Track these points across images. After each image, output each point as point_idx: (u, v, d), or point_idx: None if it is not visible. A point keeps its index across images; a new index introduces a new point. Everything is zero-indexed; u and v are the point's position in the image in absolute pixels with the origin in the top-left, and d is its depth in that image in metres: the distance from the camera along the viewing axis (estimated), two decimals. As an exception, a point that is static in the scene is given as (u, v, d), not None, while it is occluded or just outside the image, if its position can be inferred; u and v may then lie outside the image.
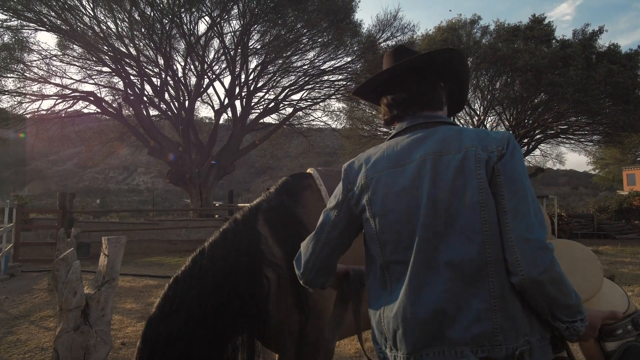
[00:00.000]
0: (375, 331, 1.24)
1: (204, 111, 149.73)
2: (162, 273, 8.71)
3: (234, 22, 19.45)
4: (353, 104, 22.57)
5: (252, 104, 21.12)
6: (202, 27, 56.02)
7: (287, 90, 21.19)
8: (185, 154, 18.57)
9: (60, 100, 18.53)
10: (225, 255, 1.96)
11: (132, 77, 18.84)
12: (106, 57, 18.01)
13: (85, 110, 20.17)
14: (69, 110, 19.18)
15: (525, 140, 21.46)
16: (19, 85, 17.28)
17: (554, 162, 26.22)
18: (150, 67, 19.72)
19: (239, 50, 18.91)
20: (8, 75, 16.69)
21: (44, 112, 18.52)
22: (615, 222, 20.31)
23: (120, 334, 4.68)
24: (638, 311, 1.31)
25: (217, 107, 20.91)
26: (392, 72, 1.33)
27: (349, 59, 20.41)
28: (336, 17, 18.32)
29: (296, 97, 22.29)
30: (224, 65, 20.57)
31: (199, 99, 21.38)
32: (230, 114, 20.80)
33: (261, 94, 21.58)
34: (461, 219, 1.10)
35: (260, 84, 20.91)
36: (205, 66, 19.72)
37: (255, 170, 57.97)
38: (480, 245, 1.08)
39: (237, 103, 20.42)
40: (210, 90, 43.44)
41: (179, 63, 19.92)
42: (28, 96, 17.64)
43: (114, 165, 50.23)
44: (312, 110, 22.98)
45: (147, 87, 19.41)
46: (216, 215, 17.44)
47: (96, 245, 11.29)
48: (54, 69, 18.11)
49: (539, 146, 23.27)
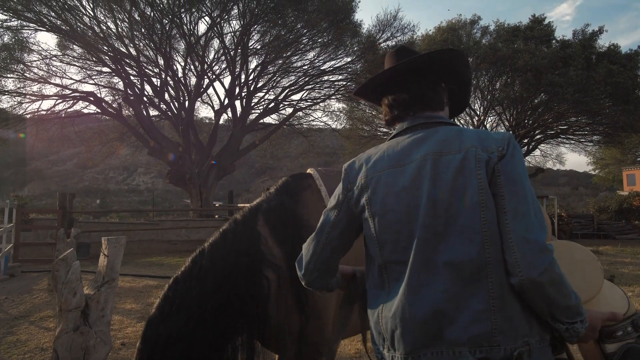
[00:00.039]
0: (374, 331, 1.24)
1: (204, 111, 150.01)
2: (162, 273, 8.71)
3: (234, 22, 19.51)
4: (353, 104, 22.56)
5: (252, 104, 21.12)
6: (202, 27, 56.09)
7: (287, 91, 21.20)
8: (185, 154, 18.56)
9: (60, 101, 18.54)
10: (225, 255, 1.95)
11: (132, 78, 18.84)
12: (106, 57, 18.01)
13: (85, 111, 20.20)
14: (69, 110, 19.20)
15: (525, 141, 21.46)
16: (19, 86, 17.30)
17: (554, 163, 26.26)
18: (150, 68, 19.72)
19: (239, 50, 18.91)
20: (8, 75, 16.69)
21: (44, 112, 18.53)
22: (615, 223, 20.31)
23: (120, 334, 4.67)
24: (638, 313, 1.31)
25: (217, 107, 20.95)
26: (392, 72, 1.33)
27: (349, 59, 20.43)
28: (336, 18, 18.32)
29: (296, 97, 22.37)
30: (224, 66, 20.59)
31: (199, 99, 21.40)
32: (230, 114, 20.82)
33: (261, 94, 21.62)
34: (461, 219, 1.10)
35: (260, 84, 20.91)
36: (205, 66, 19.72)
37: (255, 171, 57.96)
38: (480, 246, 1.08)
39: (237, 103, 20.44)
40: (210, 91, 43.47)
41: (179, 63, 19.95)
42: (28, 96, 17.64)
43: (114, 165, 50.23)
44: (312, 110, 23.01)
45: (147, 88, 19.43)
46: (216, 216, 17.42)
47: (96, 246, 11.29)
48: (54, 69, 18.16)
49: (539, 146, 23.29)
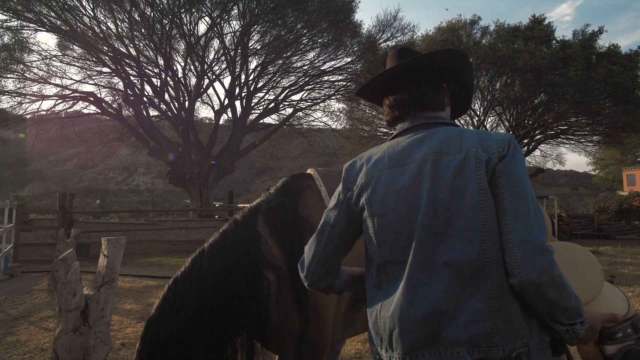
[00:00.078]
0: (372, 331, 1.23)
1: (204, 112, 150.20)
2: (161, 274, 8.71)
3: (234, 22, 19.47)
4: (353, 105, 22.56)
5: (252, 104, 21.11)
6: (202, 27, 56.09)
7: (287, 91, 21.19)
8: (185, 155, 18.56)
9: (60, 101, 18.54)
10: (225, 256, 1.95)
11: (132, 78, 18.83)
12: (106, 57, 18.00)
13: (85, 111, 20.18)
14: (69, 110, 19.19)
15: (525, 141, 21.46)
16: (18, 86, 17.29)
17: (554, 163, 26.31)
18: (150, 68, 19.72)
19: (239, 50, 18.91)
20: (8, 75, 16.68)
21: (44, 113, 18.51)
22: (615, 223, 20.31)
23: (120, 334, 4.67)
24: (638, 315, 1.31)
25: (217, 107, 20.93)
26: (393, 72, 1.32)
27: (349, 59, 20.42)
28: (336, 18, 18.31)
29: (296, 97, 22.33)
30: (224, 66, 20.58)
31: (199, 99, 21.39)
32: (230, 114, 20.81)
33: (261, 95, 21.61)
34: (461, 220, 1.10)
35: (260, 85, 20.91)
36: (205, 67, 19.71)
37: (255, 171, 57.94)
38: (480, 246, 1.07)
39: (237, 103, 20.43)
40: (210, 91, 43.49)
41: (179, 63, 19.93)
42: (28, 97, 17.64)
43: (114, 165, 50.20)
44: (312, 110, 22.99)
45: (147, 88, 19.41)
46: (216, 216, 17.42)
47: (96, 246, 11.29)
48: (53, 69, 18.15)
49: (539, 147, 23.29)
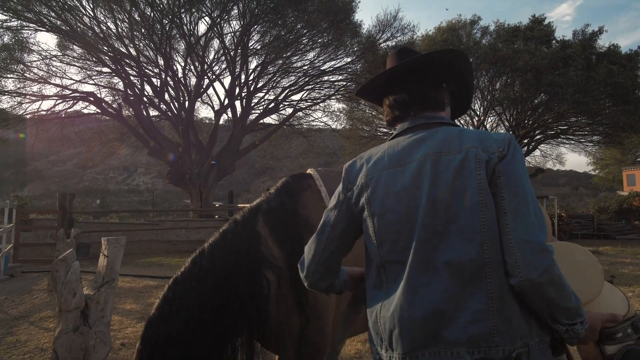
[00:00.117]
0: (372, 332, 1.23)
1: (204, 112, 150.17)
2: (162, 274, 8.71)
3: (234, 22, 19.47)
4: (353, 105, 22.55)
5: (252, 104, 21.11)
6: (202, 27, 56.06)
7: (287, 91, 21.18)
8: (185, 155, 18.56)
9: (60, 101, 18.54)
10: (225, 256, 1.95)
11: (132, 78, 18.83)
12: (106, 57, 18.00)
13: (85, 111, 20.17)
14: (69, 110, 19.18)
15: (525, 141, 21.46)
16: (18, 86, 17.29)
17: (554, 163, 26.31)
18: (150, 68, 19.71)
19: (239, 50, 18.90)
20: (8, 75, 16.68)
21: (44, 113, 18.51)
22: (616, 223, 20.31)
23: (120, 334, 4.67)
24: (638, 315, 1.31)
25: (217, 107, 20.93)
26: (392, 72, 1.32)
27: (349, 59, 20.41)
28: (336, 18, 18.31)
29: (296, 97, 22.31)
30: (224, 66, 20.58)
31: (199, 99, 21.38)
32: (230, 114, 20.80)
33: (261, 95, 21.60)
34: (460, 219, 1.10)
35: (260, 85, 20.91)
36: (205, 67, 19.71)
37: (255, 171, 57.93)
38: (479, 246, 1.07)
39: (237, 103, 20.42)
40: (210, 91, 43.47)
41: (179, 63, 19.93)
42: (28, 97, 17.63)
43: (114, 165, 50.19)
44: (312, 110, 22.99)
45: (147, 88, 19.41)
46: (216, 216, 17.42)
47: (96, 246, 11.29)
48: (53, 69, 18.14)
49: (539, 147, 23.29)
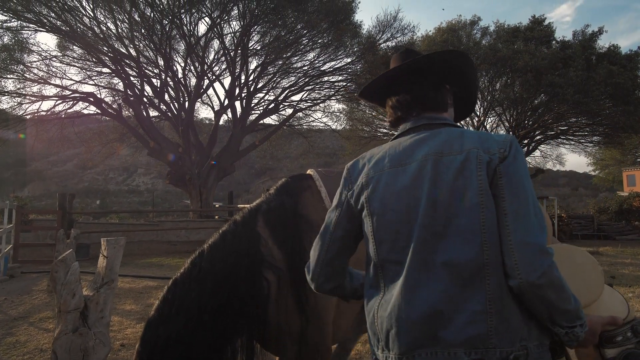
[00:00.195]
0: (369, 332, 1.23)
1: (204, 112, 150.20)
2: (161, 274, 8.70)
3: (234, 23, 19.44)
4: (353, 105, 22.55)
5: (252, 105, 21.11)
6: (202, 28, 56.03)
7: (287, 91, 21.18)
8: (185, 155, 18.56)
9: (60, 101, 18.53)
10: (225, 257, 1.95)
11: (132, 78, 18.82)
12: (106, 58, 18.00)
13: (85, 111, 20.17)
14: (68, 111, 19.19)
15: (526, 141, 21.47)
16: (18, 86, 17.29)
17: (554, 163, 26.34)
18: (150, 68, 19.71)
19: (239, 51, 18.90)
20: (8, 76, 16.68)
21: (44, 113, 18.51)
22: (616, 223, 20.31)
23: (119, 335, 4.67)
24: (638, 318, 1.31)
25: (217, 108, 20.92)
26: (394, 73, 1.32)
27: (349, 60, 20.41)
28: (336, 18, 18.31)
29: (296, 98, 22.22)
30: (224, 66, 20.57)
31: (199, 100, 21.38)
32: (230, 114, 20.80)
33: (261, 95, 21.60)
34: (460, 220, 1.09)
35: (260, 85, 20.90)
36: (205, 67, 19.70)
37: (255, 171, 57.93)
38: (479, 247, 1.07)
39: (237, 104, 20.42)
40: (210, 91, 43.51)
41: (179, 64, 19.93)
42: (28, 97, 17.63)
43: (113, 166, 50.21)
44: (312, 111, 22.99)
45: (147, 88, 19.41)
46: (216, 217, 17.42)
47: (96, 246, 11.28)
48: (53, 70, 18.14)
49: (539, 147, 23.31)
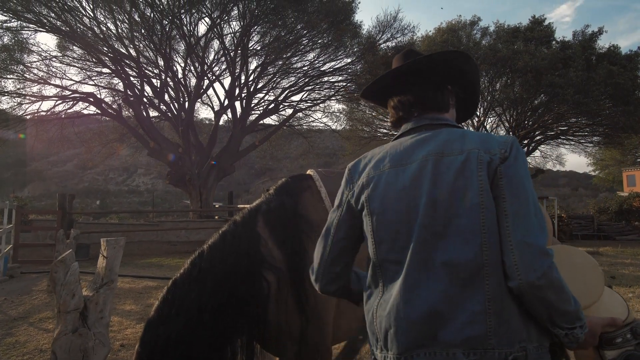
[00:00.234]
0: (368, 332, 1.23)
1: (204, 112, 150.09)
2: (161, 274, 8.70)
3: (234, 23, 19.48)
4: (353, 105, 22.55)
5: (252, 105, 21.10)
6: (202, 28, 55.98)
7: (287, 92, 21.17)
8: (185, 155, 18.55)
9: (60, 102, 18.52)
10: (225, 257, 1.95)
11: (132, 78, 18.81)
12: (106, 58, 17.99)
13: (85, 112, 20.14)
14: (68, 111, 19.16)
15: (526, 142, 21.47)
16: (18, 87, 17.27)
17: (554, 163, 26.33)
18: (150, 68, 19.70)
19: (239, 51, 18.90)
20: (8, 76, 16.67)
21: (44, 113, 18.49)
22: (616, 223, 20.31)
23: (119, 335, 4.66)
24: (637, 320, 1.31)
25: (217, 108, 20.90)
26: (396, 74, 1.33)
27: (349, 60, 20.39)
28: (336, 19, 18.30)
29: (296, 98, 22.20)
30: (224, 67, 20.55)
31: (199, 100, 21.37)
32: (230, 115, 20.79)
33: (261, 95, 21.58)
34: (460, 220, 1.09)
35: (260, 85, 20.89)
36: (205, 67, 19.70)
37: (255, 172, 57.91)
38: (478, 247, 1.07)
39: (237, 104, 20.41)
40: (210, 92, 43.50)
41: (179, 64, 19.91)
42: (28, 97, 17.61)
43: (113, 166, 50.20)
44: (312, 111, 22.97)
45: (147, 88, 19.39)
46: (216, 217, 17.41)
47: (96, 247, 11.27)
48: (53, 70, 18.11)
49: (539, 147, 23.31)
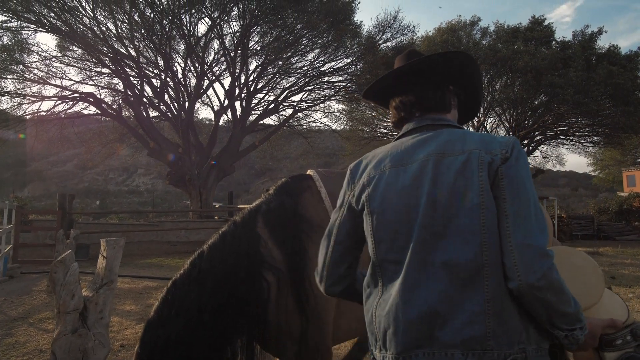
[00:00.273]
0: (368, 332, 1.23)
1: (204, 112, 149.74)
2: (161, 274, 8.70)
3: (234, 23, 19.49)
4: (353, 106, 22.55)
5: (252, 105, 21.09)
6: (202, 28, 56.07)
7: (287, 92, 21.16)
8: (185, 155, 18.55)
9: (60, 102, 18.51)
10: (225, 258, 1.94)
11: (131, 79, 18.80)
12: (106, 58, 17.98)
13: (85, 112, 20.13)
14: (68, 111, 19.15)
15: (526, 142, 21.48)
16: (18, 87, 17.26)
17: (554, 164, 26.32)
18: (150, 69, 19.69)
19: (239, 51, 18.89)
20: (8, 76, 16.67)
21: (44, 114, 18.48)
22: (616, 224, 20.31)
23: (119, 336, 4.66)
24: (637, 322, 1.30)
25: (217, 108, 20.89)
26: (397, 74, 1.32)
27: (349, 60, 20.38)
28: (336, 19, 18.30)
29: (296, 98, 22.20)
30: (223, 67, 20.54)
31: (199, 100, 21.35)
32: (230, 115, 20.79)
33: (261, 95, 21.57)
34: (460, 220, 1.09)
35: (260, 85, 20.89)
36: (205, 67, 19.69)
37: (255, 172, 57.91)
38: (478, 248, 1.06)
39: (237, 104, 20.40)
40: (210, 92, 43.49)
41: (179, 64, 19.90)
42: (28, 97, 17.60)
43: (113, 166, 50.20)
44: (312, 111, 22.96)
45: (147, 89, 19.38)
46: (216, 217, 17.41)
47: (95, 247, 11.27)
48: (53, 70, 18.09)
49: (539, 147, 23.32)
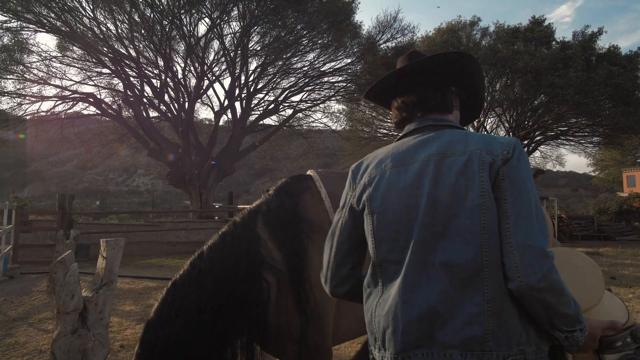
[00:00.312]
0: (367, 331, 1.23)
1: (204, 113, 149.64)
2: (161, 275, 8.70)
3: (234, 23, 19.43)
4: (353, 106, 22.55)
5: (252, 105, 21.09)
6: (202, 28, 56.14)
7: (287, 92, 21.17)
8: (185, 156, 18.55)
9: (60, 102, 18.50)
10: (225, 258, 1.94)
11: (131, 79, 18.80)
12: (106, 58, 17.98)
13: (85, 112, 20.11)
14: (68, 111, 19.14)
15: (526, 142, 21.47)
16: (18, 87, 17.24)
17: (554, 164, 26.31)
18: (150, 69, 19.69)
19: (239, 51, 18.90)
20: (8, 76, 16.66)
21: (44, 114, 18.48)
22: (616, 224, 20.31)
23: (119, 336, 4.66)
24: (637, 324, 1.30)
25: (217, 108, 20.89)
26: (399, 74, 1.33)
27: (349, 60, 20.39)
28: (336, 19, 18.30)
29: (296, 98, 22.18)
30: (223, 67, 20.54)
31: (199, 100, 21.35)
32: (230, 115, 20.79)
33: (261, 96, 21.56)
34: (460, 221, 1.09)
35: (260, 86, 20.89)
36: (205, 67, 19.69)
37: (255, 172, 57.93)
38: (478, 248, 1.06)
39: (237, 104, 20.40)
40: (210, 92, 43.51)
41: (179, 64, 19.90)
42: (28, 98, 17.61)
43: (113, 166, 50.20)
44: (312, 111, 22.96)
45: (147, 89, 19.37)
46: (216, 217, 17.42)
47: (95, 247, 11.27)
48: (53, 70, 18.08)
49: (539, 148, 23.31)
